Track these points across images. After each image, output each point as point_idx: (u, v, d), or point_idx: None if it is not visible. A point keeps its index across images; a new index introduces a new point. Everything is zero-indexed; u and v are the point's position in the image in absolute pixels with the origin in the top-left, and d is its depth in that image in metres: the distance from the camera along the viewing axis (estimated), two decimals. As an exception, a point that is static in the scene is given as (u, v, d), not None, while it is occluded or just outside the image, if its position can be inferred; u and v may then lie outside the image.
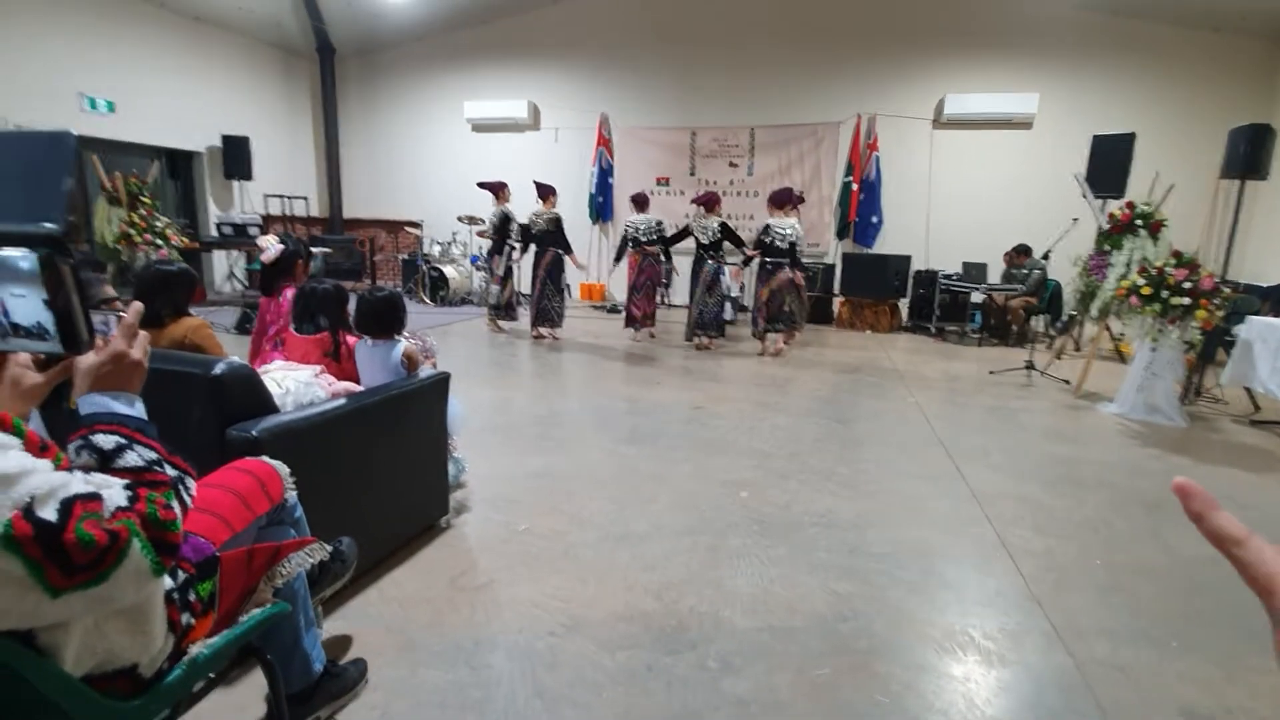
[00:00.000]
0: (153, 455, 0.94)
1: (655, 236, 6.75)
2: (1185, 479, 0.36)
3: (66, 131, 0.74)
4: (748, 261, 6.66)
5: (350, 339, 2.59)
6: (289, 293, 2.73)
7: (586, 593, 2.13)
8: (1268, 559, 0.33)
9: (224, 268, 9.36)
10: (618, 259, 7.15)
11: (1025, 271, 7.52)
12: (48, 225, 0.71)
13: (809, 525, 2.67)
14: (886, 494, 3.04)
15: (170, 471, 0.96)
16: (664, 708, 1.65)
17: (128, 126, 8.08)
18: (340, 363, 2.60)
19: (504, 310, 7.21)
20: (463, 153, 10.46)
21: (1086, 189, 6.37)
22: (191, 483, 1.02)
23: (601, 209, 9.82)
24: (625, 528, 2.61)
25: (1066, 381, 5.51)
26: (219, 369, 1.69)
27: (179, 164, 9.16)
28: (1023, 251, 7.66)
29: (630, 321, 6.88)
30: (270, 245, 2.74)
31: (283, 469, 1.40)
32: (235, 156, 9.11)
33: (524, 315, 7.43)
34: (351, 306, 2.59)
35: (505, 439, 3.66)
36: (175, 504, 0.92)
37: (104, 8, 7.77)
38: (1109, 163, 6.56)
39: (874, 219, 8.91)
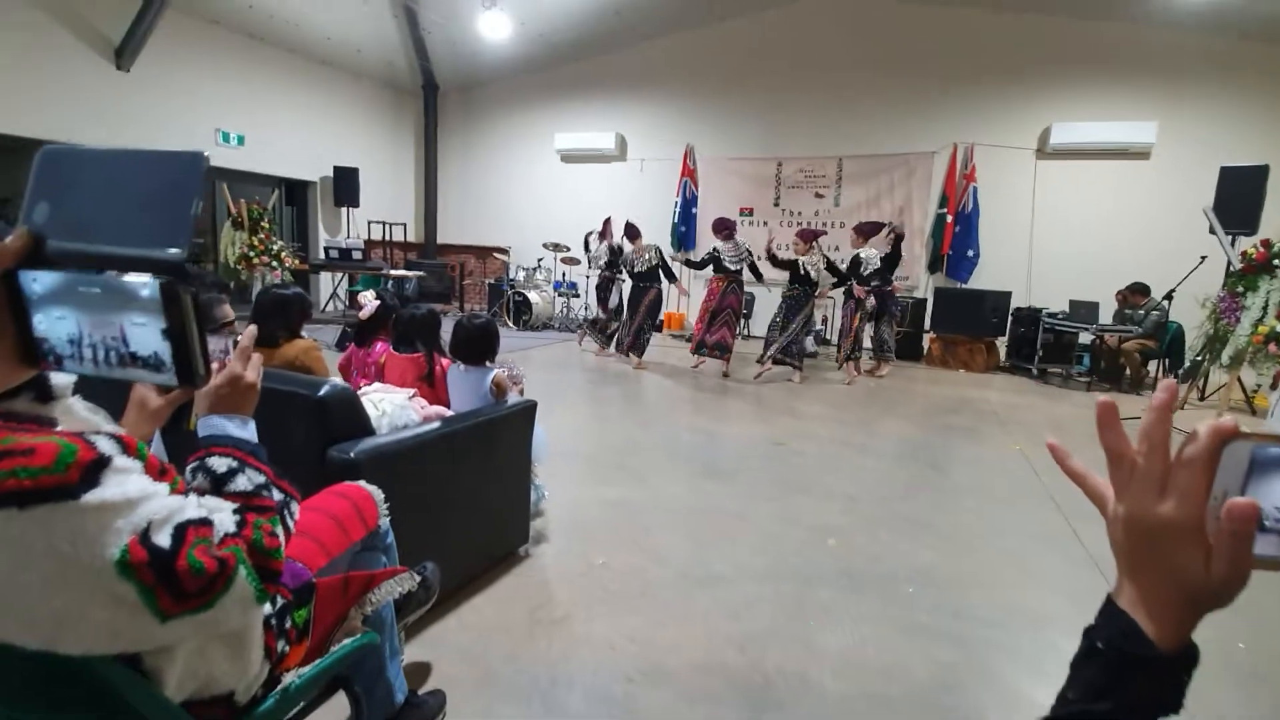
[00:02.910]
0: (261, 479, 0.95)
1: (745, 264, 6.56)
2: (1051, 439, 0.53)
3: (200, 153, 0.71)
4: (852, 296, 6.62)
5: (444, 361, 2.66)
6: (380, 346, 2.86)
7: (665, 637, 2.05)
8: (1099, 485, 0.49)
9: (329, 288, 9.99)
10: (696, 265, 6.98)
11: (1141, 312, 6.92)
12: (172, 251, 0.70)
13: (904, 581, 2.48)
14: (990, 551, 2.80)
15: (277, 495, 0.97)
16: (749, 775, 1.53)
17: (254, 158, 8.83)
18: (434, 386, 2.67)
19: (607, 338, 7.32)
20: (551, 182, 10.80)
21: (1216, 224, 5.82)
22: (295, 506, 1.02)
23: (684, 238, 9.85)
24: (705, 569, 2.51)
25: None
26: (323, 391, 1.75)
27: (295, 192, 9.91)
28: (1138, 290, 7.07)
29: (698, 347, 6.58)
30: (368, 302, 2.92)
31: (378, 494, 1.41)
32: (345, 185, 9.78)
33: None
34: (446, 330, 2.66)
35: (583, 466, 3.64)
36: (280, 530, 0.92)
37: (243, 54, 8.60)
38: (1239, 197, 5.96)
39: (970, 252, 8.48)
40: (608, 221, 7.28)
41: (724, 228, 6.56)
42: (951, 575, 2.55)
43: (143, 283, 0.68)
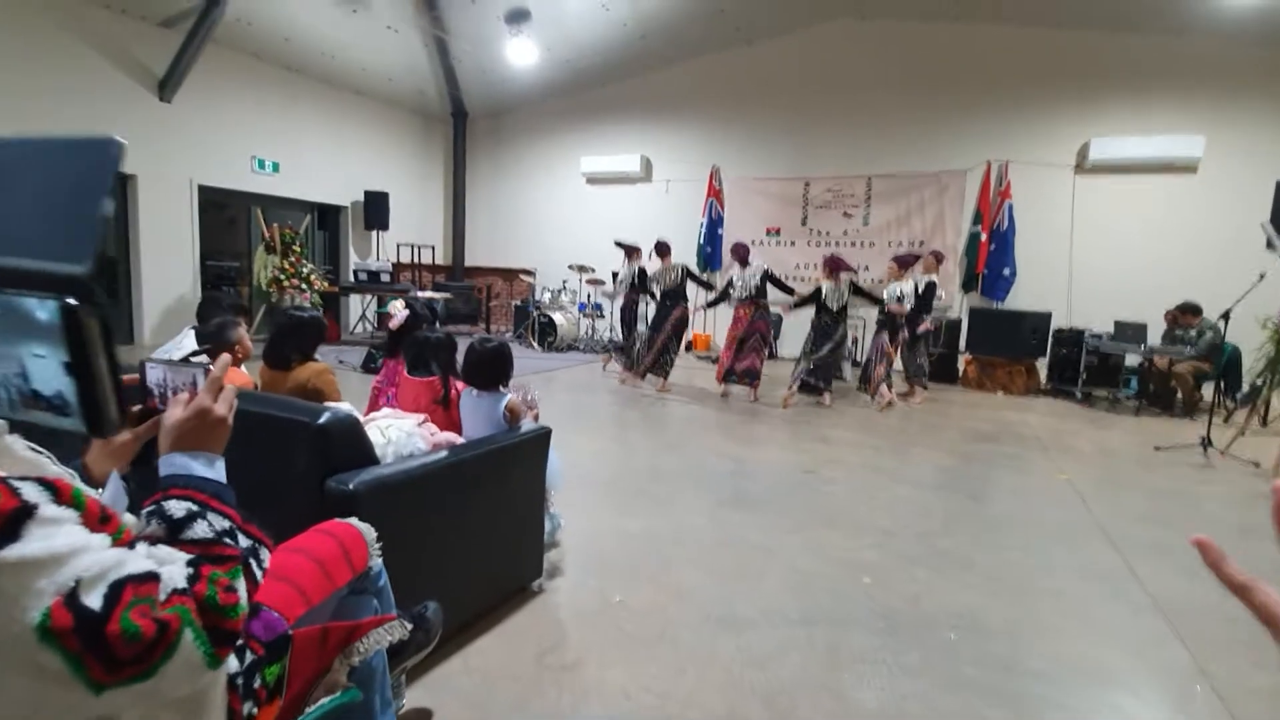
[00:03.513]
0: (225, 525, 0.86)
1: (762, 284, 6.39)
2: (1201, 535, 0.42)
3: (110, 139, 0.57)
4: (889, 317, 6.46)
5: (459, 385, 2.58)
6: None
7: (684, 687, 1.90)
8: (1269, 599, 0.40)
9: (359, 310, 10.11)
10: (713, 304, 6.89)
11: (1193, 333, 6.57)
12: (72, 265, 0.57)
13: (947, 627, 2.29)
14: (1040, 594, 2.59)
15: (243, 542, 0.88)
16: None
17: (288, 184, 9.02)
18: (448, 410, 2.59)
19: (631, 360, 7.15)
20: (576, 205, 10.83)
21: (1276, 239, 5.51)
22: (266, 554, 0.93)
23: (710, 259, 9.76)
24: (729, 609, 2.35)
25: (1256, 464, 4.66)
26: (323, 419, 1.67)
27: (327, 217, 10.10)
28: (1190, 310, 6.72)
29: (728, 375, 6.36)
30: (398, 311, 2.87)
31: (369, 533, 1.31)
32: (375, 210, 9.94)
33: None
34: (461, 353, 2.59)
35: (602, 494, 3.52)
36: (240, 584, 0.82)
37: (280, 85, 8.83)
38: (1298, 212, 5.65)
39: (1005, 271, 8.22)
40: (635, 249, 7.18)
41: (737, 254, 6.49)
42: (998, 620, 2.35)
43: (39, 304, 0.56)
